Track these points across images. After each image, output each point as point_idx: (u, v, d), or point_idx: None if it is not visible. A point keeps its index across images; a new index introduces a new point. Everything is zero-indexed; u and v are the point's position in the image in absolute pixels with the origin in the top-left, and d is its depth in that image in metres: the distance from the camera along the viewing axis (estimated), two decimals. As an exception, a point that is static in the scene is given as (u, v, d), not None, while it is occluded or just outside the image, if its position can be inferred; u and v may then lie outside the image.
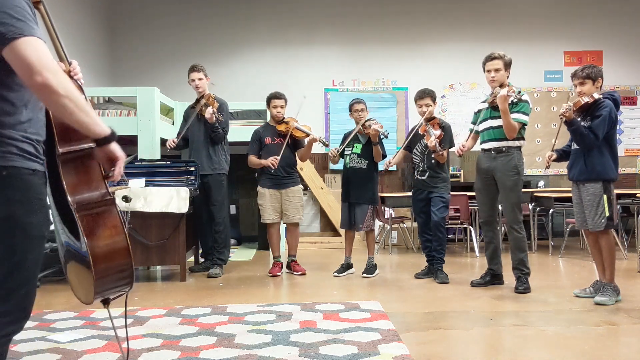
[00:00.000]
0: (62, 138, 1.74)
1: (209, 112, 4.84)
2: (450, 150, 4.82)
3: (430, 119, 4.77)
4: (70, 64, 1.91)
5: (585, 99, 3.75)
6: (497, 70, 4.16)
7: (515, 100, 4.03)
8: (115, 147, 1.72)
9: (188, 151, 5.20)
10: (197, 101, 5.11)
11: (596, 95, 3.75)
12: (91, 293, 1.82)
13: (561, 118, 3.74)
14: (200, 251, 5.53)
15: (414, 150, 4.86)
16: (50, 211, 1.76)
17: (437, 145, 4.56)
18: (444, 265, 4.75)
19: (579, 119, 3.78)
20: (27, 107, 1.60)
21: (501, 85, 4.15)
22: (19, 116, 1.57)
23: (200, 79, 5.07)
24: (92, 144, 1.77)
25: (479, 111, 4.39)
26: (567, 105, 3.73)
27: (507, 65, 4.17)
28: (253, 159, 5.09)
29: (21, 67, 1.47)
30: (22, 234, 1.57)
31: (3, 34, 1.45)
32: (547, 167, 4.11)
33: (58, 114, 1.60)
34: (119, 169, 1.75)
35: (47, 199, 1.77)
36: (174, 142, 5.08)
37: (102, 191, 1.80)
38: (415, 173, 4.89)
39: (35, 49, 1.47)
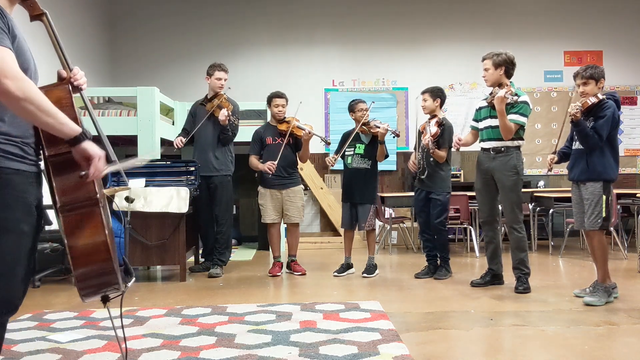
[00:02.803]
0: (48, 141, 1.75)
1: (223, 115, 4.81)
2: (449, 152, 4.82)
3: (433, 117, 4.78)
4: (71, 70, 1.91)
5: (592, 100, 3.73)
6: (486, 69, 4.19)
7: (512, 102, 4.03)
8: (87, 145, 1.72)
9: (193, 150, 5.17)
10: (209, 99, 5.08)
11: (600, 96, 3.74)
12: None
13: (571, 118, 3.72)
14: (200, 251, 5.53)
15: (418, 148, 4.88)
16: (37, 210, 1.78)
17: (430, 142, 4.60)
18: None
19: (582, 119, 3.77)
20: (9, 111, 1.63)
21: (500, 85, 4.14)
22: (1, 122, 1.62)
23: (225, 80, 5.07)
24: None
25: (480, 109, 4.39)
26: (575, 105, 3.72)
27: (498, 64, 4.13)
28: (253, 161, 5.08)
29: None
30: None
31: None
32: (550, 170, 4.10)
33: (24, 117, 1.64)
34: (94, 169, 1.73)
35: (40, 199, 1.79)
36: (181, 141, 5.03)
37: (89, 192, 1.79)
38: (419, 171, 4.90)
39: None
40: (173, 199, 4.64)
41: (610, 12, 8.03)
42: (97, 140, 2.07)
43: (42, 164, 1.80)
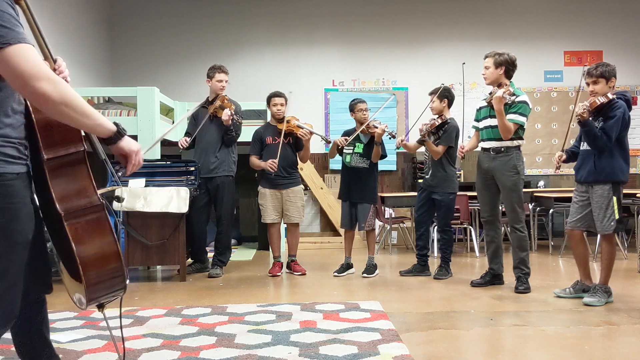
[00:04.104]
0: (46, 143, 1.66)
1: (226, 114, 4.80)
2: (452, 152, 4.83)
3: (440, 116, 4.81)
4: (55, 61, 1.82)
5: (601, 99, 3.64)
6: (486, 68, 4.18)
7: (509, 102, 4.01)
8: (125, 143, 1.70)
9: (195, 151, 5.15)
10: (210, 101, 5.07)
11: (610, 96, 3.65)
12: (83, 296, 1.79)
13: (578, 118, 3.65)
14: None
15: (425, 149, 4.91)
16: (36, 211, 1.72)
17: (425, 128, 4.70)
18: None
19: (590, 119, 3.70)
20: (7, 112, 1.57)
21: (500, 85, 4.14)
22: (1, 123, 1.55)
23: (226, 81, 5.07)
24: (80, 148, 1.72)
25: (480, 108, 4.39)
26: (583, 105, 3.63)
27: (499, 64, 4.12)
28: (254, 161, 5.07)
29: (12, 77, 1.44)
30: (6, 242, 1.55)
31: None
32: (558, 169, 3.99)
33: (60, 120, 1.57)
34: (131, 165, 1.74)
35: (34, 198, 1.73)
36: (186, 141, 5.04)
37: (91, 197, 1.74)
38: (424, 172, 4.94)
39: (24, 57, 1.42)
40: (173, 199, 4.64)
41: (610, 12, 8.03)
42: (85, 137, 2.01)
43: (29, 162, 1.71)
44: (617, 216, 3.65)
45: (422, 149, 4.96)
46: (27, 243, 1.63)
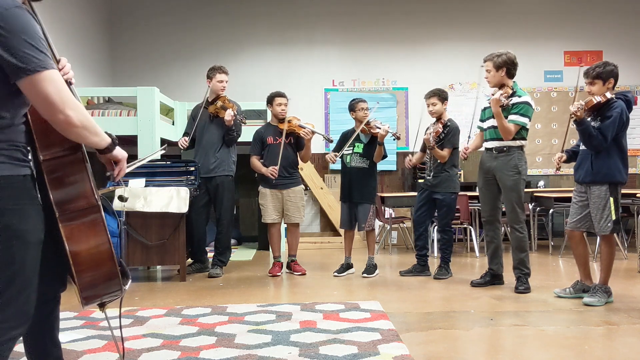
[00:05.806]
0: (42, 144, 1.69)
1: (229, 115, 4.81)
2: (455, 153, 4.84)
3: (439, 118, 4.81)
4: (58, 61, 1.85)
5: (597, 99, 3.62)
6: (488, 71, 4.18)
7: (504, 104, 4.01)
8: (118, 150, 1.82)
9: (194, 151, 5.15)
10: (210, 102, 5.07)
11: (608, 95, 3.62)
12: (78, 296, 1.79)
13: (572, 117, 3.62)
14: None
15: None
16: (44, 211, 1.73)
17: (432, 138, 4.68)
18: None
19: (589, 119, 3.68)
20: (12, 117, 1.59)
21: (502, 86, 4.14)
22: (6, 128, 1.57)
23: (227, 81, 5.08)
24: (77, 148, 1.75)
25: (485, 109, 4.38)
26: (578, 103, 3.60)
27: (499, 66, 4.11)
28: (255, 163, 5.07)
29: (42, 103, 1.52)
30: (19, 243, 1.57)
31: (24, 65, 1.47)
32: (558, 169, 3.97)
33: (74, 139, 1.67)
34: (118, 170, 1.84)
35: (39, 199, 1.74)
36: (185, 141, 5.07)
37: (88, 198, 1.75)
38: (426, 172, 4.93)
39: (55, 85, 1.51)
40: (173, 199, 4.64)
41: (610, 12, 8.03)
42: None
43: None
44: (613, 217, 3.63)
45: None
46: (39, 242, 1.64)
